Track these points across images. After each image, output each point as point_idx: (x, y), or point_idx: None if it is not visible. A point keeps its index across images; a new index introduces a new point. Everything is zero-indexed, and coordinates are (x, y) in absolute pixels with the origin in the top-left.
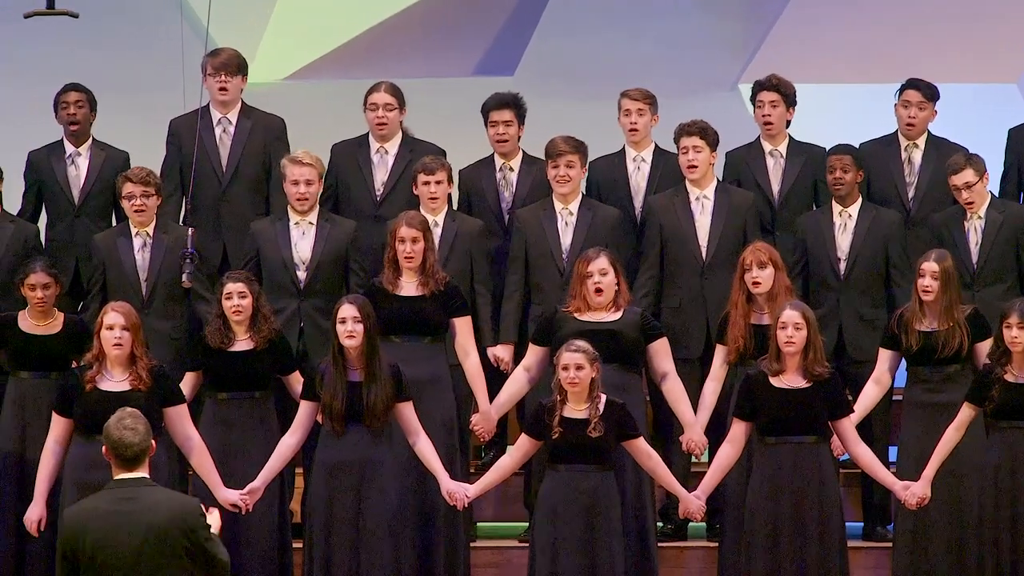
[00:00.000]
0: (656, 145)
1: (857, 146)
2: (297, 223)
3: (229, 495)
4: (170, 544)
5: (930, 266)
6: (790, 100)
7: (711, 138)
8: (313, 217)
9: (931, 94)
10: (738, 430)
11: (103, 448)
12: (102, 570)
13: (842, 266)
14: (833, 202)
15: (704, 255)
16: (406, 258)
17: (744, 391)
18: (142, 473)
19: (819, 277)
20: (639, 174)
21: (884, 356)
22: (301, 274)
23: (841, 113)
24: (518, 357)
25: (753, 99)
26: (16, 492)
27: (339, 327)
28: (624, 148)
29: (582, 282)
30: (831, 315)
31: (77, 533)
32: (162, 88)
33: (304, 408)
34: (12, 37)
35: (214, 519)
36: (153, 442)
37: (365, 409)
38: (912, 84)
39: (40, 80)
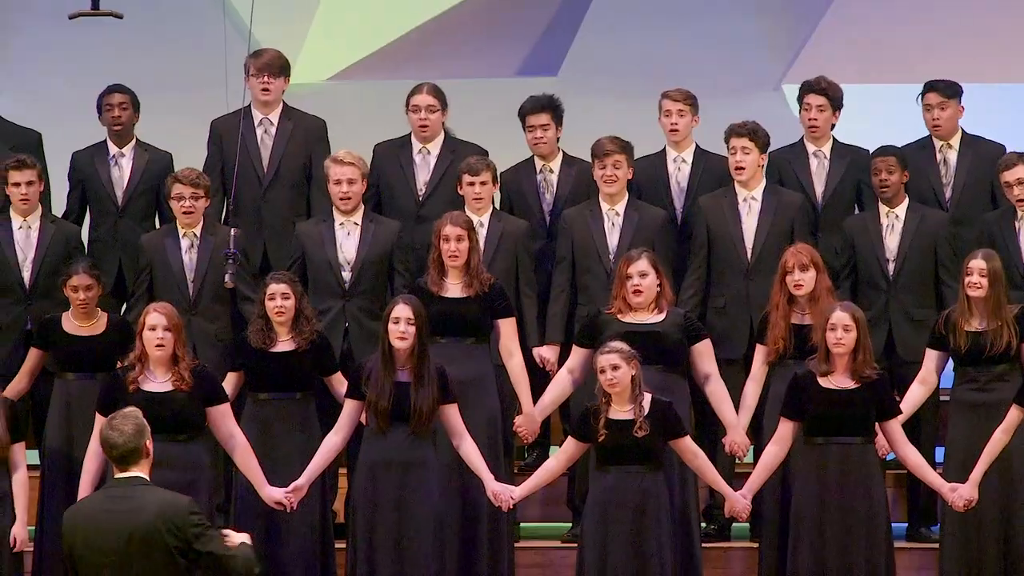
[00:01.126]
0: (697, 145)
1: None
2: (342, 224)
3: (274, 493)
4: (154, 544)
5: (978, 263)
6: (837, 104)
7: (761, 140)
8: (358, 217)
9: (950, 92)
10: (785, 430)
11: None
12: (92, 569)
13: (890, 267)
14: (880, 203)
15: (750, 256)
16: (451, 257)
17: (792, 391)
18: (137, 472)
19: (867, 278)
20: (680, 174)
21: (931, 356)
22: (346, 275)
23: (885, 114)
24: (563, 358)
25: (800, 100)
26: (64, 492)
27: (391, 327)
28: (665, 148)
29: (622, 283)
30: (880, 316)
31: (70, 533)
32: (205, 88)
33: (349, 407)
34: (57, 38)
35: (240, 537)
36: (147, 442)
37: (412, 411)
38: (929, 86)
39: (84, 81)
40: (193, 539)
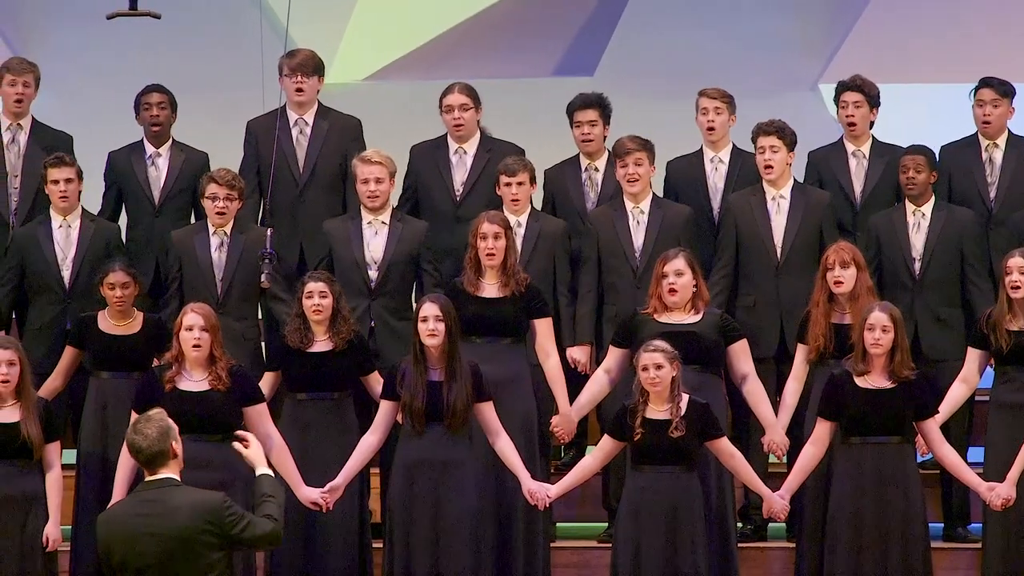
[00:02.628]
0: (734, 145)
1: (939, 147)
2: (370, 223)
3: (310, 493)
4: (194, 544)
5: (1016, 262)
6: (873, 101)
7: (789, 138)
8: (386, 216)
9: (1005, 91)
10: (822, 430)
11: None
12: (132, 574)
13: (916, 265)
14: (907, 201)
15: (779, 255)
16: (487, 255)
17: (829, 391)
18: (166, 474)
19: (893, 277)
20: (717, 174)
21: (973, 355)
22: (373, 273)
23: (922, 113)
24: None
25: (837, 100)
26: (98, 492)
27: (420, 326)
28: (702, 148)
29: (658, 282)
30: (906, 315)
31: (106, 539)
32: (242, 89)
33: (384, 407)
34: (94, 38)
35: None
36: (173, 443)
37: (445, 409)
38: (984, 82)
39: (121, 80)
40: (231, 530)
